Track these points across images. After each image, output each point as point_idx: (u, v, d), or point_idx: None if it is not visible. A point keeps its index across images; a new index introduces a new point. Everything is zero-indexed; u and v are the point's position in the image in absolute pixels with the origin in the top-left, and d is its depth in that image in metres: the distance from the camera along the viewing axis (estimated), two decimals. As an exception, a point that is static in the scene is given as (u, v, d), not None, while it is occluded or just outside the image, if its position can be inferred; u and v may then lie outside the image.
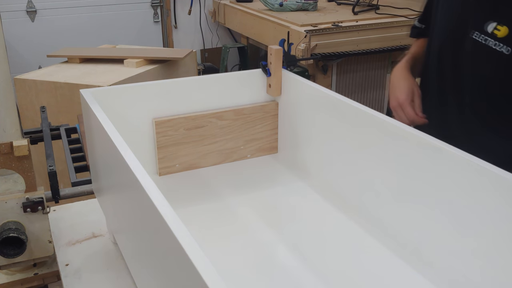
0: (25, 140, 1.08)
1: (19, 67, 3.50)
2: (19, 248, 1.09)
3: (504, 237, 0.78)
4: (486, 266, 0.82)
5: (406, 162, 0.95)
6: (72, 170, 1.37)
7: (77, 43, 3.66)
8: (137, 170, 0.74)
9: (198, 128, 1.27)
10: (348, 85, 3.21)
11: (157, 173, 1.28)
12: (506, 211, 0.77)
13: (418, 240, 0.95)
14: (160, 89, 1.22)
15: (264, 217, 1.11)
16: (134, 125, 1.21)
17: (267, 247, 1.01)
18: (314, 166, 1.25)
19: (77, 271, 1.07)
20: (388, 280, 0.91)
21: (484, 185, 0.80)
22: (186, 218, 0.67)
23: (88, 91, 1.09)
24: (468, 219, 0.84)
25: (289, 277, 0.92)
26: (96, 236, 1.19)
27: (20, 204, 1.09)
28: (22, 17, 3.81)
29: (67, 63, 2.44)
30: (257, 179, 1.28)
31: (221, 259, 0.97)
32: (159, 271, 0.71)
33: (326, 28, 2.94)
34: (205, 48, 4.44)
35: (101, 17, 4.02)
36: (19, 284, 1.22)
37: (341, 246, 1.01)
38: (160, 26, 4.29)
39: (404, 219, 0.97)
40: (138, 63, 2.33)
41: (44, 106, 1.77)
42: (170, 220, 0.62)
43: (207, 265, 0.54)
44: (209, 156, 1.31)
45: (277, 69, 1.30)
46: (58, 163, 1.34)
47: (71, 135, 1.65)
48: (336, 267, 0.95)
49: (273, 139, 1.39)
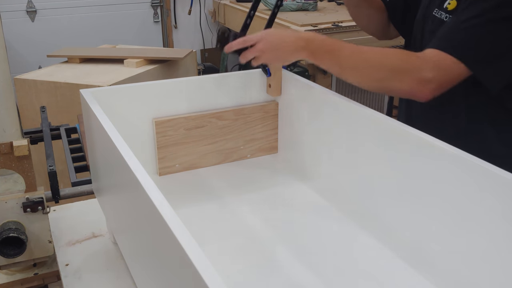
0: (25, 140, 1.08)
1: (19, 67, 3.50)
2: (19, 248, 1.09)
3: (504, 237, 0.78)
4: (486, 266, 0.82)
5: (406, 162, 0.95)
6: (72, 170, 1.37)
7: (77, 43, 3.66)
8: (137, 170, 0.74)
9: (198, 128, 1.27)
10: (348, 85, 3.19)
11: (157, 173, 1.28)
12: (506, 211, 0.77)
13: (418, 240, 0.94)
14: (160, 89, 1.22)
15: (264, 217, 1.11)
16: (134, 125, 1.21)
17: (267, 247, 1.01)
18: (314, 166, 1.25)
19: (77, 271, 1.07)
20: (388, 280, 0.91)
21: (484, 185, 0.80)
22: (186, 218, 0.66)
23: (88, 91, 1.09)
24: (468, 219, 0.84)
25: (289, 277, 0.92)
26: (96, 236, 1.19)
27: (20, 204, 1.09)
28: (22, 17, 3.81)
29: (67, 63, 2.44)
30: (257, 179, 1.27)
31: (221, 259, 0.97)
32: (159, 271, 0.71)
33: (326, 28, 2.94)
34: (205, 48, 4.44)
35: (101, 17, 4.02)
36: (19, 284, 1.22)
37: (341, 246, 1.01)
38: (160, 26, 4.29)
39: (404, 219, 0.97)
40: (138, 63, 2.33)
41: (44, 106, 1.77)
42: (170, 220, 0.62)
43: (207, 265, 0.54)
44: (209, 156, 1.31)
45: (277, 69, 1.30)
46: (58, 163, 1.34)
47: (71, 135, 1.65)
48: (336, 266, 0.95)
49: (273, 139, 1.39)
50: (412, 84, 1.02)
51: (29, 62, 3.73)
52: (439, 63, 1.02)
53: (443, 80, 1.02)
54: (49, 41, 3.80)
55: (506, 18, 0.98)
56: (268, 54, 1.07)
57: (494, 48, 1.01)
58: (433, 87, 1.02)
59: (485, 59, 1.02)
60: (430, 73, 1.01)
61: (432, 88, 1.02)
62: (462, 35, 1.03)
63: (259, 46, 1.06)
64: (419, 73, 1.02)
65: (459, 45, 1.02)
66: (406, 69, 1.03)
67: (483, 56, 1.02)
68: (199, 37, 4.41)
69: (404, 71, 1.03)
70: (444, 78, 1.02)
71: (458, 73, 1.02)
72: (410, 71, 1.03)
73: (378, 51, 1.07)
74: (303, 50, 1.05)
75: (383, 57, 1.07)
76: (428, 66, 1.02)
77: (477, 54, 1.02)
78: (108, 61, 2.41)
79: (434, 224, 0.90)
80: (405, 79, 1.03)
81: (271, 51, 1.06)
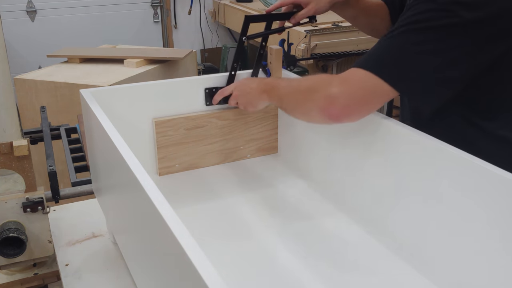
0: (25, 140, 1.08)
1: (19, 67, 3.50)
2: (19, 248, 1.09)
3: (504, 237, 0.78)
4: (486, 266, 0.82)
5: (406, 162, 0.95)
6: (72, 170, 1.37)
7: (77, 43, 3.66)
8: (137, 170, 0.74)
9: (198, 128, 1.27)
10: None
11: (157, 173, 1.28)
12: (506, 211, 0.77)
13: (418, 240, 0.94)
14: (160, 89, 1.22)
15: (264, 217, 1.11)
16: (134, 125, 1.21)
17: (267, 246, 1.01)
18: (314, 166, 1.25)
19: (77, 271, 1.07)
20: (389, 280, 0.91)
21: (484, 185, 0.80)
22: (186, 218, 0.66)
23: (88, 91, 1.09)
24: (468, 219, 0.84)
25: (289, 276, 0.92)
26: (96, 236, 1.19)
27: (20, 204, 1.09)
28: (22, 17, 3.81)
29: (67, 63, 2.44)
30: (257, 179, 1.27)
31: (221, 259, 0.97)
32: (159, 271, 0.71)
33: (326, 28, 2.94)
34: (205, 48, 4.44)
35: (101, 17, 4.02)
36: (19, 284, 1.22)
37: (340, 246, 1.01)
38: (160, 26, 4.29)
39: (404, 219, 0.97)
40: (138, 63, 2.33)
41: (44, 106, 1.77)
42: (170, 220, 0.62)
43: (207, 265, 0.54)
44: (209, 156, 1.31)
45: (277, 69, 1.30)
46: (58, 163, 1.34)
47: (71, 135, 1.66)
48: (336, 266, 0.95)
49: (273, 139, 1.39)
50: (321, 101, 0.97)
51: (29, 62, 3.73)
52: (347, 77, 0.96)
53: (355, 95, 0.95)
54: (49, 41, 3.80)
55: (416, 30, 0.92)
56: (241, 99, 1.22)
57: (400, 58, 0.94)
58: (342, 102, 0.94)
59: (388, 68, 0.94)
60: (336, 88, 0.95)
61: (342, 104, 0.94)
62: (373, 49, 0.98)
63: (234, 94, 1.24)
64: (327, 89, 0.96)
65: (368, 57, 0.97)
66: (316, 87, 0.99)
67: (387, 65, 0.94)
68: (199, 37, 4.41)
69: (315, 90, 0.99)
70: (354, 91, 0.95)
71: (373, 85, 0.94)
72: (320, 89, 0.98)
73: (304, 78, 1.09)
74: (264, 93, 1.15)
75: (302, 81, 1.07)
76: (336, 81, 0.97)
77: (381, 62, 0.95)
78: (108, 61, 2.41)
79: (434, 224, 0.90)
80: (315, 97, 0.99)
81: (243, 97, 1.22)
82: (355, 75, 0.96)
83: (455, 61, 0.93)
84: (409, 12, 0.95)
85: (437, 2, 0.92)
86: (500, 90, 1.00)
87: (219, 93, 1.27)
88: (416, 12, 0.94)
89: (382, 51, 0.96)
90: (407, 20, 0.94)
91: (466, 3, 0.90)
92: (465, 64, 0.93)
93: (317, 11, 1.21)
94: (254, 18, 1.25)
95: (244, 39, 1.23)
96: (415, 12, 0.94)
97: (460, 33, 0.91)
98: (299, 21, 1.22)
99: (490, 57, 0.95)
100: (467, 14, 0.90)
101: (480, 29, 0.91)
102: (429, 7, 0.92)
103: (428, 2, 0.93)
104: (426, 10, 0.93)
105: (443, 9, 0.91)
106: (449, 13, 0.90)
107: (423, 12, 0.93)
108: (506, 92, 1.01)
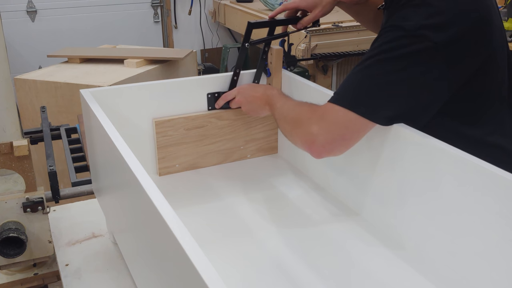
0: (25, 140, 1.08)
1: (19, 67, 3.50)
2: (19, 248, 1.09)
3: (504, 237, 0.78)
4: (486, 266, 0.82)
5: (406, 162, 0.95)
6: (72, 170, 1.37)
7: (77, 43, 3.66)
8: (137, 170, 0.74)
9: (198, 128, 1.27)
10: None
11: (157, 173, 1.28)
12: (506, 211, 0.77)
13: (418, 241, 0.94)
14: (160, 89, 1.22)
15: (264, 217, 1.11)
16: (134, 125, 1.21)
17: (267, 246, 1.01)
18: (314, 166, 1.25)
19: (77, 271, 1.07)
20: (389, 280, 0.91)
21: (484, 185, 0.80)
22: (186, 218, 0.66)
23: (88, 91, 1.09)
24: (468, 219, 0.84)
25: (289, 276, 0.92)
26: (96, 236, 1.19)
27: (20, 204, 1.09)
28: (22, 17, 3.81)
29: (67, 63, 2.44)
30: (257, 179, 1.27)
31: (221, 258, 0.97)
32: (159, 271, 0.71)
33: (326, 28, 2.94)
34: (205, 48, 4.44)
35: (101, 17, 4.02)
36: (19, 284, 1.22)
37: (341, 246, 1.01)
38: (160, 26, 4.29)
39: (404, 219, 0.97)
40: (138, 63, 2.33)
41: (44, 106, 1.77)
42: (170, 220, 0.62)
43: (206, 265, 0.54)
44: (209, 156, 1.31)
45: (277, 69, 1.30)
46: (58, 163, 1.34)
47: (71, 135, 1.66)
48: (336, 266, 0.95)
49: (273, 139, 1.39)
50: (303, 138, 0.97)
51: (29, 62, 3.73)
52: (324, 114, 0.95)
53: (334, 133, 0.94)
54: (49, 41, 3.80)
55: (388, 59, 0.92)
56: (244, 107, 1.24)
57: (375, 89, 0.93)
58: (322, 140, 0.94)
59: (362, 101, 0.93)
60: (316, 126, 0.95)
61: (322, 142, 0.94)
62: (347, 81, 0.98)
63: (237, 99, 1.25)
64: (308, 127, 0.96)
65: (342, 91, 0.97)
66: (300, 122, 0.99)
67: (360, 98, 0.93)
68: (199, 37, 4.41)
69: (298, 125, 0.99)
70: (333, 129, 0.94)
71: (350, 121, 0.93)
72: (302, 124, 0.98)
73: (293, 104, 1.07)
74: (266, 105, 1.17)
75: (290, 110, 1.07)
76: (315, 117, 0.96)
77: (356, 97, 0.94)
78: (108, 61, 2.41)
79: (434, 224, 0.90)
80: (299, 132, 0.99)
81: (246, 104, 1.23)
82: (332, 112, 0.95)
83: (431, 85, 0.92)
84: (379, 41, 0.95)
85: (405, 29, 0.91)
86: (483, 98, 1.00)
87: (222, 98, 1.27)
88: (387, 41, 0.93)
89: (357, 84, 0.95)
90: (378, 49, 0.94)
91: (434, 26, 0.90)
92: (442, 86, 0.93)
93: (323, 15, 1.21)
94: (257, 25, 1.24)
95: (246, 45, 1.23)
96: (385, 41, 0.93)
97: (433, 56, 0.90)
98: (305, 26, 1.22)
99: (467, 73, 0.94)
100: (437, 36, 0.90)
101: (452, 49, 0.91)
102: (398, 34, 0.92)
103: (396, 30, 0.93)
104: (396, 38, 0.92)
105: (412, 35, 0.91)
106: (419, 38, 0.90)
107: (393, 40, 0.92)
108: (489, 99, 1.00)
